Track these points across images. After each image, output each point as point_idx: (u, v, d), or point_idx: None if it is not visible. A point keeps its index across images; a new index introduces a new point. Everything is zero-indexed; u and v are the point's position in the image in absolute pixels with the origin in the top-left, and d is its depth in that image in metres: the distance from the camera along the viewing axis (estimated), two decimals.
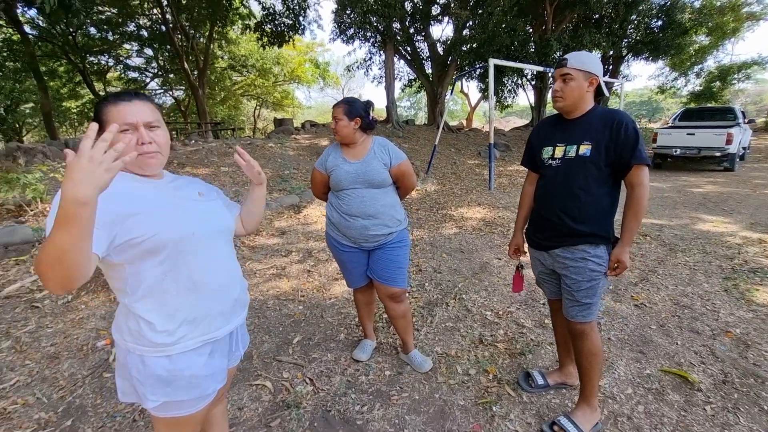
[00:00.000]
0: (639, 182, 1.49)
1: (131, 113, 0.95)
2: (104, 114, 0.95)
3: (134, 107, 0.96)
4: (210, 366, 1.05)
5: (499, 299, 2.98)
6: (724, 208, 5.62)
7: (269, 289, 3.18)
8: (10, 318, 2.71)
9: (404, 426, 1.77)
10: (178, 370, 0.98)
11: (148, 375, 0.97)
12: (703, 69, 19.78)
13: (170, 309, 0.98)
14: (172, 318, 0.98)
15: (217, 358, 1.08)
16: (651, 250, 3.95)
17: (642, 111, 36.57)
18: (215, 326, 1.06)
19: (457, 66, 12.72)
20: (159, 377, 0.97)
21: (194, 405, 1.04)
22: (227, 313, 1.09)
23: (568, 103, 1.57)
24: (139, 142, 0.96)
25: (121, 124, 0.93)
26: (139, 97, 0.99)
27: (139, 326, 0.96)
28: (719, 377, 2.06)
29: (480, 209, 5.77)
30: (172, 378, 0.98)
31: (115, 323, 1.03)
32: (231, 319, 1.11)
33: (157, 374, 0.97)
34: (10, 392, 2.03)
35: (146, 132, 0.97)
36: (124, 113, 0.94)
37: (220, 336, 1.07)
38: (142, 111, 0.97)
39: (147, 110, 0.98)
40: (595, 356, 1.65)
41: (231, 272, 1.13)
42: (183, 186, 1.12)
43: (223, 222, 1.14)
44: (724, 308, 2.76)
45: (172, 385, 0.98)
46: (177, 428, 1.07)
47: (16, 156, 5.53)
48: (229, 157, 7.14)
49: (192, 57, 15.68)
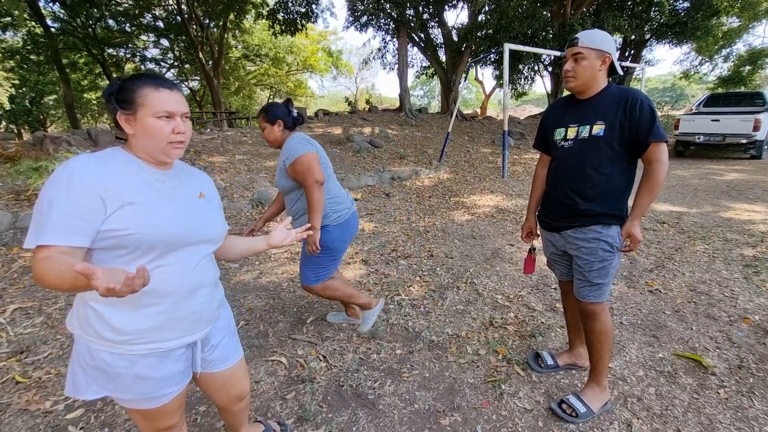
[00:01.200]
0: (657, 158, 1.47)
1: (172, 102, 0.96)
2: (141, 95, 0.93)
3: (174, 96, 0.97)
4: (158, 369, 0.99)
5: (510, 284, 2.99)
6: (749, 196, 5.44)
7: (284, 272, 3.26)
8: (41, 296, 2.86)
9: (414, 401, 1.82)
10: (120, 365, 0.95)
11: (92, 366, 0.95)
12: (732, 53, 18.88)
13: (125, 307, 0.93)
14: (125, 317, 0.93)
15: (170, 363, 1.02)
16: (668, 237, 3.88)
17: (665, 98, 35.27)
18: (176, 334, 1.01)
19: (472, 52, 12.50)
20: (100, 369, 0.95)
21: (141, 404, 1.01)
22: (187, 325, 1.03)
23: (580, 83, 1.55)
24: (175, 131, 0.97)
25: (160, 111, 0.94)
26: (178, 87, 1.01)
27: (87, 315, 0.93)
28: (735, 362, 2.04)
29: (493, 197, 5.73)
30: (114, 374, 0.95)
31: (73, 311, 1.00)
32: (191, 331, 1.05)
33: (98, 366, 0.95)
34: (44, 363, 2.16)
35: (182, 122, 0.99)
36: (166, 101, 0.95)
37: (172, 347, 1.01)
38: (180, 101, 0.98)
39: (183, 101, 1.00)
40: (606, 336, 1.65)
41: (199, 283, 1.05)
42: (186, 181, 1.09)
43: (213, 231, 1.10)
44: (743, 295, 2.70)
45: (114, 381, 0.96)
46: (151, 419, 1.07)
47: (44, 144, 5.74)
48: (244, 145, 7.24)
49: (207, 47, 15.85)
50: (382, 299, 2.36)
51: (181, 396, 1.10)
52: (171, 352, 1.02)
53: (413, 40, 13.91)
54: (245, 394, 1.33)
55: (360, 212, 4.96)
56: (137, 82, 0.95)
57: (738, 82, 18.53)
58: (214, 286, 1.13)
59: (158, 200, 0.97)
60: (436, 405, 1.79)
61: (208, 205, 1.11)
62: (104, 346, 0.94)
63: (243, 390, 1.30)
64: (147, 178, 0.98)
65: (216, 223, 1.12)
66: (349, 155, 7.65)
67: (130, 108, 0.94)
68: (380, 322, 2.49)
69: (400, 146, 8.84)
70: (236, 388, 1.28)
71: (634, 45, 15.54)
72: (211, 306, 1.10)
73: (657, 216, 4.59)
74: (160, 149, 0.97)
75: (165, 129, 0.95)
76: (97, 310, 0.92)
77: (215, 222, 1.11)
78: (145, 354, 0.97)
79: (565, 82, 1.59)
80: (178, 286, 0.99)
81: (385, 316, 2.55)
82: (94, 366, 0.95)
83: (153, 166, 1.01)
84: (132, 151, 0.99)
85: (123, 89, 0.95)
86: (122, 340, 0.94)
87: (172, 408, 1.07)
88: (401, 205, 5.37)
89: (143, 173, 0.98)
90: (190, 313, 1.03)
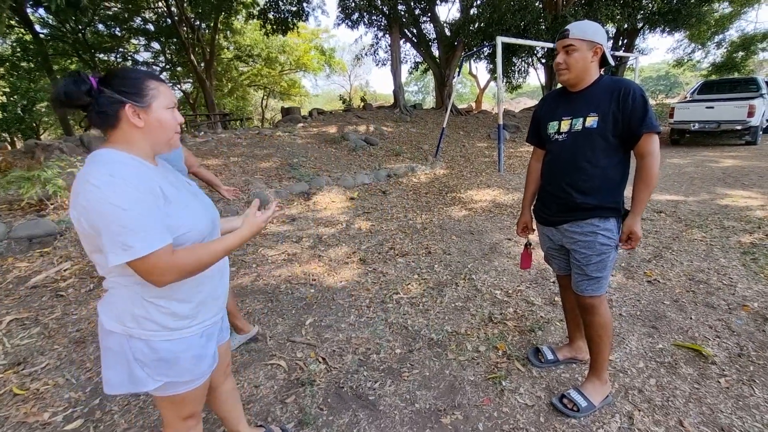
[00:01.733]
0: (649, 151, 1.46)
1: (172, 93, 1.02)
2: (152, 88, 0.96)
3: (171, 89, 1.02)
4: (207, 347, 1.10)
5: (508, 278, 2.98)
6: (745, 183, 5.44)
7: (281, 274, 3.24)
8: (37, 306, 2.84)
9: (415, 400, 1.81)
10: (179, 350, 1.03)
11: (153, 358, 1.00)
12: (725, 39, 18.88)
13: (182, 296, 1.02)
14: (182, 304, 1.02)
15: (212, 340, 1.14)
16: (666, 227, 3.88)
17: (659, 86, 35.27)
18: (213, 312, 1.12)
19: (465, 46, 12.44)
20: (163, 359, 1.01)
21: (192, 383, 1.09)
22: (221, 300, 1.17)
23: (573, 76, 1.53)
24: (178, 121, 1.03)
25: (171, 102, 1.00)
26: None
27: (147, 311, 0.98)
28: (735, 350, 2.04)
29: (490, 191, 5.72)
30: (174, 359, 1.02)
31: (111, 312, 1.00)
32: (222, 306, 1.18)
33: (161, 356, 1.00)
34: (41, 374, 2.14)
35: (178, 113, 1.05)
36: (170, 92, 1.01)
37: (212, 323, 1.13)
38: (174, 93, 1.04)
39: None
40: (606, 329, 1.65)
41: (225, 265, 1.19)
42: (170, 171, 1.11)
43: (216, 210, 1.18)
44: (741, 283, 2.70)
45: (175, 367, 1.03)
46: (181, 405, 1.12)
47: (35, 153, 5.69)
48: (239, 147, 7.20)
49: (198, 49, 15.74)
50: (257, 328, 2.38)
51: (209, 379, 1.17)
52: (210, 329, 1.13)
53: (406, 35, 13.85)
54: (229, 366, 1.41)
55: (357, 211, 4.94)
56: (142, 75, 0.96)
57: (731, 68, 18.55)
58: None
59: (181, 196, 1.01)
60: (437, 404, 1.79)
61: (195, 186, 1.15)
62: (165, 336, 1.00)
63: (227, 360, 1.38)
64: (159, 175, 0.99)
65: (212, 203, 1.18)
66: (345, 154, 7.62)
67: (143, 101, 0.93)
68: (379, 321, 2.48)
69: (395, 143, 8.81)
70: (225, 359, 1.36)
71: (627, 34, 15.49)
72: (228, 283, 1.22)
73: (654, 205, 4.59)
74: (167, 140, 1.01)
75: (173, 120, 1.00)
76: (158, 304, 0.99)
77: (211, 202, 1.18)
78: (197, 335, 1.07)
79: (558, 75, 1.57)
80: (215, 268, 1.10)
81: (384, 316, 2.54)
82: (157, 358, 1.00)
83: (150, 162, 1.00)
84: (127, 150, 0.95)
85: (124, 81, 0.92)
86: (181, 326, 1.02)
87: (204, 390, 1.16)
88: (398, 202, 5.35)
89: (151, 171, 0.97)
90: (222, 292, 1.16)
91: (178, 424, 1.14)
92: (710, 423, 1.60)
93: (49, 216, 4.04)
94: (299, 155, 6.99)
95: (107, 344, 1.01)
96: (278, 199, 1.40)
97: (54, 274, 3.25)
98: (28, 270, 3.32)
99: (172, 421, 1.14)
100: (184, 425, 1.15)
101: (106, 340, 1.02)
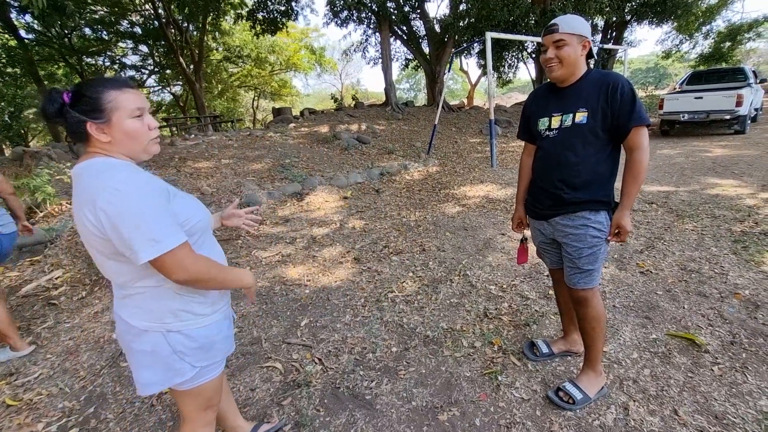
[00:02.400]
0: (638, 145, 1.46)
1: (140, 99, 0.98)
2: (109, 100, 0.93)
3: (137, 93, 0.99)
4: (230, 328, 1.21)
5: (503, 273, 2.99)
6: (735, 171, 5.50)
7: (275, 276, 3.23)
8: (29, 315, 2.80)
9: (412, 398, 1.81)
10: (213, 334, 1.11)
11: (193, 346, 1.07)
12: (712, 30, 19.04)
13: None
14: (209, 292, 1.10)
15: (229, 321, 1.23)
16: (657, 218, 3.91)
17: (648, 78, 35.49)
18: (227, 295, 1.22)
19: (455, 43, 12.44)
20: (202, 346, 1.09)
21: (220, 365, 1.17)
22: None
23: (565, 71, 1.51)
24: (150, 127, 1.01)
25: (134, 109, 0.96)
26: (134, 85, 1.01)
27: (184, 304, 1.04)
28: (727, 338, 2.06)
29: (483, 187, 5.73)
30: (211, 343, 1.10)
31: (142, 314, 1.02)
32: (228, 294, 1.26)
33: (201, 344, 1.08)
34: (34, 384, 2.11)
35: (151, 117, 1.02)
36: (134, 99, 0.97)
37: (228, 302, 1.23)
38: (142, 96, 1.00)
39: (144, 97, 1.02)
40: (599, 321, 1.65)
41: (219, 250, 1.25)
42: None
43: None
44: (733, 271, 2.73)
45: (212, 350, 1.11)
46: (203, 396, 1.16)
47: (23, 160, 5.61)
48: (230, 149, 7.15)
49: (187, 51, 15.59)
50: (33, 347, 2.42)
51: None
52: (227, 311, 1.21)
53: (396, 33, 13.81)
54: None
55: (350, 210, 4.93)
56: (98, 88, 0.93)
57: (719, 58, 18.71)
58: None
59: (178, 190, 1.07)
60: (433, 401, 1.79)
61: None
62: (200, 323, 1.07)
63: None
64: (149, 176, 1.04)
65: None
66: (337, 153, 7.59)
67: (102, 116, 0.92)
68: (375, 320, 2.48)
69: (387, 141, 8.79)
70: None
71: (616, 26, 15.59)
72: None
73: (645, 196, 4.62)
74: (143, 148, 1.01)
75: (143, 127, 0.98)
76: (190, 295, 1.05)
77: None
78: (223, 318, 1.16)
79: (548, 72, 1.56)
80: (222, 257, 1.18)
81: (379, 314, 2.54)
82: (197, 346, 1.07)
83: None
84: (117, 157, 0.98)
85: (82, 99, 0.92)
86: (210, 311, 1.10)
87: (222, 377, 1.23)
88: (391, 200, 5.35)
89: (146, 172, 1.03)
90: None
91: (199, 415, 1.18)
92: (704, 411, 1.62)
93: (39, 224, 3.99)
94: (291, 156, 6.95)
95: (139, 346, 1.04)
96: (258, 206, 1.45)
97: (45, 282, 3.21)
98: (19, 279, 3.27)
99: (193, 415, 1.18)
100: (204, 417, 1.19)
101: (137, 342, 1.03)
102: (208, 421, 1.21)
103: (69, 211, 4.26)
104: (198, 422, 1.19)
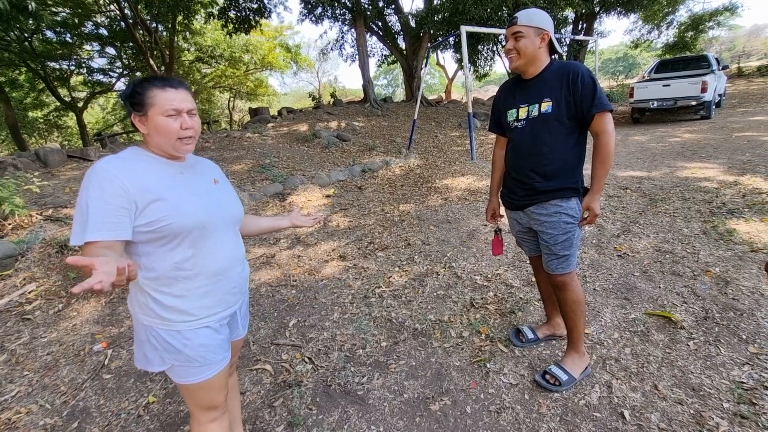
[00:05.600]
0: (603, 129, 1.52)
1: (178, 100, 1.04)
2: (149, 96, 1.02)
3: (180, 95, 1.05)
4: (213, 338, 1.13)
5: (487, 263, 3.04)
6: (702, 155, 5.74)
7: (261, 277, 3.19)
8: (2, 332, 2.68)
9: (404, 391, 1.83)
10: (186, 339, 1.08)
11: (161, 342, 1.07)
12: (675, 19, 19.70)
13: (178, 291, 1.06)
14: (179, 299, 1.06)
15: (221, 333, 1.16)
16: (632, 202, 4.04)
17: (618, 67, 36.53)
18: (215, 311, 1.14)
19: (431, 37, 12.48)
20: (170, 345, 1.07)
21: (203, 372, 1.12)
22: (230, 297, 1.17)
23: (523, 62, 1.58)
24: (183, 127, 1.05)
25: (168, 109, 1.02)
26: (183, 86, 1.08)
27: (147, 300, 1.05)
28: (701, 314, 2.16)
29: (464, 179, 5.79)
30: (180, 348, 1.08)
31: (129, 295, 1.12)
32: (233, 303, 1.19)
33: (168, 342, 1.07)
34: (12, 403, 2.03)
35: (188, 118, 1.06)
36: (172, 99, 1.03)
37: (220, 319, 1.15)
38: (186, 99, 1.06)
39: (189, 98, 1.08)
40: (578, 304, 1.71)
41: (234, 259, 1.18)
42: (202, 171, 1.19)
43: (235, 211, 1.21)
44: (703, 249, 2.86)
45: (180, 354, 1.08)
46: (198, 394, 1.16)
47: None
48: (207, 151, 7.00)
49: (157, 52, 15.10)
50: None
51: (226, 370, 1.18)
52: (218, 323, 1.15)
53: (371, 29, 13.76)
54: (236, 363, 1.46)
55: (334, 208, 4.91)
56: (145, 85, 1.03)
57: (683, 47, 19.39)
58: (244, 260, 1.25)
59: (182, 191, 1.06)
60: (425, 392, 1.81)
61: (222, 189, 1.20)
62: (163, 326, 1.06)
63: (236, 357, 1.41)
64: (169, 171, 1.07)
65: (233, 204, 1.22)
66: (318, 151, 7.53)
67: (141, 109, 1.03)
68: (363, 316, 2.48)
69: (368, 138, 8.78)
70: (235, 355, 1.38)
71: (586, 18, 15.96)
72: (243, 278, 1.23)
73: (619, 182, 4.77)
74: (171, 145, 1.05)
75: (173, 125, 1.03)
76: (154, 296, 1.04)
77: (233, 203, 1.21)
78: (201, 328, 1.10)
79: (509, 62, 1.61)
80: (220, 266, 1.12)
81: (367, 310, 2.55)
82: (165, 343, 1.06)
83: (169, 160, 1.10)
84: (149, 149, 1.08)
85: (134, 93, 1.03)
86: (180, 320, 1.06)
87: (221, 380, 1.17)
88: (374, 196, 5.35)
89: (163, 168, 1.07)
90: (230, 288, 1.16)
91: (200, 414, 1.19)
92: (682, 384, 1.69)
93: (8, 237, 3.81)
94: (271, 156, 6.86)
95: (134, 323, 1.11)
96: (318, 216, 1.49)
97: (18, 297, 3.08)
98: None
99: (194, 412, 1.20)
100: (205, 416, 1.19)
101: (133, 318, 1.11)
102: (212, 418, 1.20)
103: (39, 222, 4.09)
104: (200, 419, 1.20)
